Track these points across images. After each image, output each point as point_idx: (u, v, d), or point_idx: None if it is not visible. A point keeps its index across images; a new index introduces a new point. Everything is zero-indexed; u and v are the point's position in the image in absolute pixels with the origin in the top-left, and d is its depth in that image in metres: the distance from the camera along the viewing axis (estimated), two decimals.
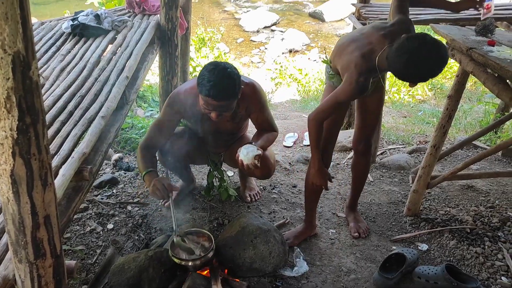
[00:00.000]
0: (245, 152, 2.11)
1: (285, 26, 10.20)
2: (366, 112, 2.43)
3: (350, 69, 2.00)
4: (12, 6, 0.92)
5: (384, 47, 1.97)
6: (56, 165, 1.65)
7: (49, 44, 2.95)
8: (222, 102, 2.01)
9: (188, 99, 2.21)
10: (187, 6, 3.87)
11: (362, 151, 2.49)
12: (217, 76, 1.97)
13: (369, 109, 2.41)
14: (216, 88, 1.96)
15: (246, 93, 2.20)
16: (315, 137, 2.16)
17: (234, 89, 2.03)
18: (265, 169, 2.37)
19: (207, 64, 2.06)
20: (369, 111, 2.42)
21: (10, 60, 0.95)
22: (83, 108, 2.12)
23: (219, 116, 2.09)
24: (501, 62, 1.89)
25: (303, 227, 2.49)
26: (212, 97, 1.98)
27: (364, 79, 1.98)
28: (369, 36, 2.06)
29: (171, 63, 3.42)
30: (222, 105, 2.03)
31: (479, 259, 2.31)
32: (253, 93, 2.25)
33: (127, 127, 3.70)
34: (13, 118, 1.00)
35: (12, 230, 1.13)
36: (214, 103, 2.01)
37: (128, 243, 2.38)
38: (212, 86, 1.95)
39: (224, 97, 2.00)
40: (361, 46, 2.03)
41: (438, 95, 5.88)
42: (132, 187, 2.88)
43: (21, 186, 1.07)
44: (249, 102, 2.26)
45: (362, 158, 2.53)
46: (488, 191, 3.00)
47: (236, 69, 2.09)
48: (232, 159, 2.45)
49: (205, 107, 2.05)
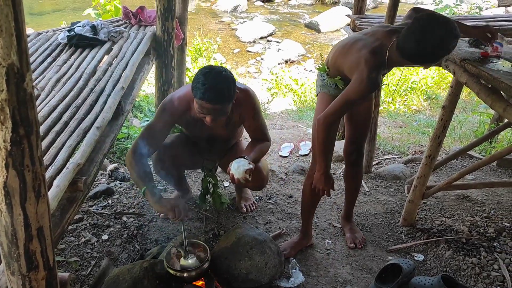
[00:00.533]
0: (236, 166, 2.09)
1: (281, 36, 10.26)
2: (356, 123, 2.41)
3: (360, 66, 1.95)
4: (6, 18, 0.92)
5: (393, 40, 1.95)
6: (51, 176, 1.65)
7: (45, 55, 2.95)
8: (217, 106, 1.99)
9: (182, 105, 2.19)
10: (183, 17, 3.88)
11: (354, 161, 2.49)
12: (212, 79, 1.96)
13: (358, 119, 2.39)
14: (211, 91, 1.94)
15: (240, 99, 2.18)
16: (323, 141, 2.10)
17: (229, 92, 2.01)
18: (258, 181, 2.36)
19: (202, 68, 2.05)
20: (358, 121, 2.40)
21: (4, 72, 0.95)
22: (79, 118, 2.12)
23: (213, 120, 2.06)
24: (494, 73, 1.90)
25: (299, 238, 2.48)
26: (206, 100, 1.96)
27: (376, 75, 1.94)
28: (375, 34, 2.05)
29: (167, 73, 3.43)
30: (216, 109, 2.01)
31: (475, 270, 2.30)
32: (247, 99, 2.23)
33: (122, 138, 3.70)
34: (6, 129, 0.99)
35: (5, 242, 1.13)
36: (208, 106, 1.98)
37: (123, 254, 2.36)
38: (206, 89, 1.94)
39: (219, 100, 1.98)
40: (368, 43, 2.00)
41: (433, 105, 5.91)
42: (128, 197, 2.87)
43: (14, 198, 1.06)
44: (243, 109, 2.24)
45: (354, 169, 2.52)
46: (483, 201, 3.01)
47: (231, 73, 2.08)
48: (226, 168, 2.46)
49: (200, 111, 2.03)
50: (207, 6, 12.71)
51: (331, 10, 11.41)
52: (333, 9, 11.44)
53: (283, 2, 13.20)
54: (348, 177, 2.57)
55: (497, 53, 2.15)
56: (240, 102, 2.19)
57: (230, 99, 2.04)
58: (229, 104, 2.06)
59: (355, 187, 2.60)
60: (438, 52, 1.87)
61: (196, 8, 12.40)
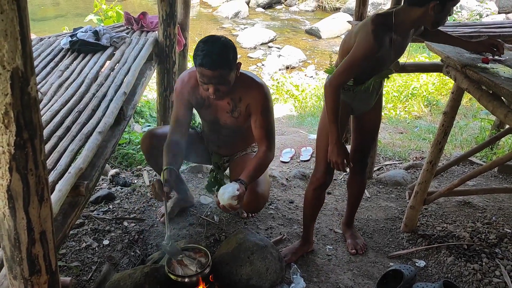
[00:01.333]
0: (222, 193, 1.96)
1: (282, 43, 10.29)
2: (363, 132, 2.40)
3: (364, 27, 1.93)
4: (11, 23, 0.93)
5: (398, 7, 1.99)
6: (53, 180, 1.65)
7: (47, 60, 2.97)
8: (216, 72, 1.96)
9: (191, 81, 2.20)
10: (185, 23, 3.90)
11: (358, 170, 2.47)
12: (211, 45, 1.96)
13: (365, 129, 2.39)
14: (208, 56, 1.94)
15: (251, 89, 2.16)
16: (332, 106, 2.03)
17: (228, 57, 1.98)
18: (251, 204, 2.30)
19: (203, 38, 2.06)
20: (365, 131, 2.39)
21: (8, 76, 0.96)
22: (81, 123, 2.13)
23: (216, 91, 2.03)
24: (495, 79, 1.91)
25: (300, 244, 2.48)
26: (205, 66, 1.95)
27: (381, 33, 1.90)
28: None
29: (168, 79, 3.44)
30: (216, 76, 1.97)
31: (477, 276, 2.30)
32: (258, 91, 2.17)
33: (124, 143, 3.70)
34: (10, 133, 1.00)
35: (8, 246, 1.13)
36: (208, 73, 1.96)
37: (124, 259, 2.36)
38: (205, 55, 1.94)
39: (217, 65, 1.95)
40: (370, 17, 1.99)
41: (434, 111, 5.92)
42: (129, 202, 2.87)
43: (17, 202, 1.06)
44: (252, 100, 2.18)
45: (357, 177, 2.52)
46: (485, 207, 3.00)
47: (231, 41, 2.06)
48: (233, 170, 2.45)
49: (201, 81, 2.02)
50: (208, 12, 12.77)
51: (331, 16, 11.46)
52: (334, 16, 11.48)
53: (284, 8, 13.26)
54: (351, 185, 2.57)
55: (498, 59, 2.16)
56: (249, 92, 2.16)
57: (229, 64, 2.00)
58: (229, 71, 2.01)
59: (358, 195, 2.59)
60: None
61: (198, 14, 12.46)
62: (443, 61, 2.38)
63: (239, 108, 2.22)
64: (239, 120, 2.27)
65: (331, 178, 2.35)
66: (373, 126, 2.42)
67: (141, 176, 3.24)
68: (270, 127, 2.24)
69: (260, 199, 2.31)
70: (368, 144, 2.45)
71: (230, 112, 2.24)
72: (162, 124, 3.48)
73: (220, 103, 2.22)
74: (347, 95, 2.22)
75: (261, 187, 2.30)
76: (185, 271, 2.01)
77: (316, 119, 5.54)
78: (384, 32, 1.91)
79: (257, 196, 2.27)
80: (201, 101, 2.24)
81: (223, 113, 2.26)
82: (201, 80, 2.02)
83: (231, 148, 2.50)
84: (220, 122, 2.32)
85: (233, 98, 2.18)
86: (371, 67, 2.09)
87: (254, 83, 2.17)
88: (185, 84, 2.22)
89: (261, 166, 2.19)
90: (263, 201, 2.35)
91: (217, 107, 2.25)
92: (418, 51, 7.67)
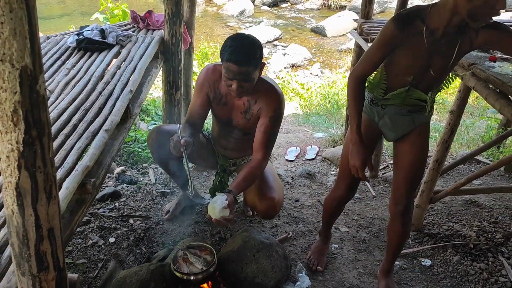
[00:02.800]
0: (211, 207, 1.96)
1: (288, 41, 10.28)
2: (398, 167, 2.05)
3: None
4: (20, 21, 0.94)
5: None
6: (60, 178, 1.66)
7: (54, 58, 2.98)
8: (243, 68, 2.00)
9: (215, 74, 2.23)
10: (191, 21, 3.90)
11: (400, 212, 2.07)
12: (239, 41, 2.01)
13: (400, 163, 2.03)
14: (237, 51, 1.98)
15: (268, 95, 2.18)
16: (352, 99, 1.88)
17: (255, 54, 2.03)
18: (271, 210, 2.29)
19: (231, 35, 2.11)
20: (400, 166, 2.03)
21: (17, 74, 0.96)
22: (87, 121, 2.13)
23: (239, 87, 2.05)
24: (503, 78, 1.90)
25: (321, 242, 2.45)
26: (233, 62, 1.98)
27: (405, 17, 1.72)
28: None
29: (174, 77, 3.44)
30: (242, 72, 2.01)
31: (483, 275, 2.29)
32: (274, 99, 2.19)
33: (130, 141, 3.72)
34: (19, 131, 1.01)
35: (16, 243, 1.14)
36: (234, 68, 1.99)
37: (130, 257, 2.37)
38: (233, 50, 1.98)
39: (244, 61, 1.99)
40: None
41: (440, 110, 5.89)
42: (135, 200, 2.88)
43: (25, 199, 1.07)
44: (265, 104, 2.19)
45: (398, 221, 2.10)
46: (491, 206, 2.99)
47: (259, 40, 2.10)
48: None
49: (226, 76, 2.04)
50: (214, 10, 12.78)
51: (337, 14, 11.43)
52: (339, 14, 11.46)
53: (289, 6, 13.24)
54: (391, 229, 2.17)
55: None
56: (266, 96, 2.18)
57: (255, 61, 2.04)
58: (254, 68, 2.04)
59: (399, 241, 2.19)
60: None
61: (203, 12, 12.46)
62: None
63: (252, 110, 2.24)
64: (250, 122, 2.28)
65: (353, 194, 2.26)
66: (410, 162, 1.99)
67: (146, 174, 3.25)
68: (272, 137, 2.24)
69: (277, 207, 2.30)
70: (412, 178, 2.01)
71: (243, 113, 2.26)
72: (167, 122, 3.49)
73: (236, 102, 2.24)
74: (374, 111, 2.00)
75: (278, 194, 2.30)
76: (190, 269, 2.02)
77: (321, 117, 5.53)
78: (409, 19, 1.71)
79: (274, 203, 2.26)
80: (219, 97, 2.26)
81: (238, 113, 2.27)
82: (226, 76, 2.04)
83: (239, 152, 2.50)
84: (233, 123, 2.33)
85: (249, 99, 2.21)
86: (402, 66, 1.84)
87: (273, 90, 2.19)
88: (209, 75, 2.25)
89: (253, 176, 2.18)
90: (279, 208, 2.34)
91: (233, 106, 2.26)
92: None
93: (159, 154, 2.44)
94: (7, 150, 1.02)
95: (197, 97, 2.30)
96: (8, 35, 0.93)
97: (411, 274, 2.38)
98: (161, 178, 3.14)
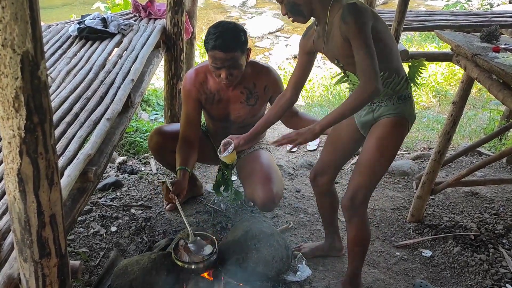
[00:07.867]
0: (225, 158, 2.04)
1: (290, 32, 10.22)
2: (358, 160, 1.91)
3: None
4: (22, 6, 0.93)
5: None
6: (62, 165, 1.66)
7: (55, 47, 2.97)
8: (228, 54, 2.00)
9: (199, 76, 2.22)
10: (193, 11, 3.88)
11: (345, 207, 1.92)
12: (221, 28, 2.02)
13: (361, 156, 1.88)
14: (220, 38, 1.98)
15: (262, 73, 2.20)
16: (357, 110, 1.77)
17: (240, 38, 2.03)
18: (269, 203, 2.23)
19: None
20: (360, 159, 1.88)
21: (19, 60, 0.96)
22: (89, 110, 2.13)
23: (229, 75, 2.05)
24: (506, 69, 1.89)
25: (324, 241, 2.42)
26: (218, 48, 1.98)
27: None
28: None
29: (176, 67, 3.43)
30: (229, 59, 2.01)
31: (483, 266, 2.30)
32: (270, 73, 2.24)
33: (131, 131, 3.71)
34: (21, 117, 1.00)
35: (18, 229, 1.14)
36: (221, 55, 1.99)
37: (131, 246, 2.38)
38: (217, 37, 1.98)
39: (229, 47, 1.99)
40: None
41: (443, 102, 5.86)
42: (136, 190, 2.89)
43: (27, 185, 1.07)
44: (267, 81, 2.23)
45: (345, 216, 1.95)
46: (492, 198, 2.99)
47: (241, 25, 2.10)
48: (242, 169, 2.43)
49: (214, 65, 2.04)
50: (216, 1, 12.69)
51: None
52: None
53: None
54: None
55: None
56: (261, 75, 2.21)
57: (241, 46, 2.04)
58: (241, 53, 2.05)
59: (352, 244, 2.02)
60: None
61: (205, 2, 12.39)
62: (453, 50, 2.35)
63: (255, 93, 2.23)
64: (256, 107, 2.27)
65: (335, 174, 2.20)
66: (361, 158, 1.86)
67: (148, 164, 3.25)
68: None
69: (275, 200, 2.25)
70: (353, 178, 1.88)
71: (245, 101, 2.25)
72: (169, 112, 3.48)
73: (232, 95, 2.22)
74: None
75: (277, 187, 2.26)
76: (191, 258, 2.03)
77: (323, 108, 5.51)
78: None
79: (273, 196, 2.23)
80: (210, 96, 2.24)
81: (237, 104, 2.25)
82: (213, 65, 2.03)
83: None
84: (231, 117, 2.32)
85: (246, 86, 2.19)
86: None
87: (262, 66, 2.23)
88: (193, 80, 2.23)
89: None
90: (278, 201, 2.29)
91: (229, 100, 2.24)
92: (428, 40, 7.59)
93: (161, 156, 2.45)
94: (9, 136, 1.02)
95: (188, 103, 2.27)
96: (9, 19, 0.92)
97: (412, 265, 2.39)
98: (162, 168, 3.14)
